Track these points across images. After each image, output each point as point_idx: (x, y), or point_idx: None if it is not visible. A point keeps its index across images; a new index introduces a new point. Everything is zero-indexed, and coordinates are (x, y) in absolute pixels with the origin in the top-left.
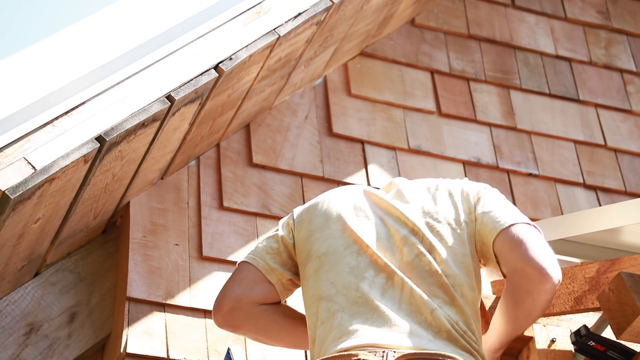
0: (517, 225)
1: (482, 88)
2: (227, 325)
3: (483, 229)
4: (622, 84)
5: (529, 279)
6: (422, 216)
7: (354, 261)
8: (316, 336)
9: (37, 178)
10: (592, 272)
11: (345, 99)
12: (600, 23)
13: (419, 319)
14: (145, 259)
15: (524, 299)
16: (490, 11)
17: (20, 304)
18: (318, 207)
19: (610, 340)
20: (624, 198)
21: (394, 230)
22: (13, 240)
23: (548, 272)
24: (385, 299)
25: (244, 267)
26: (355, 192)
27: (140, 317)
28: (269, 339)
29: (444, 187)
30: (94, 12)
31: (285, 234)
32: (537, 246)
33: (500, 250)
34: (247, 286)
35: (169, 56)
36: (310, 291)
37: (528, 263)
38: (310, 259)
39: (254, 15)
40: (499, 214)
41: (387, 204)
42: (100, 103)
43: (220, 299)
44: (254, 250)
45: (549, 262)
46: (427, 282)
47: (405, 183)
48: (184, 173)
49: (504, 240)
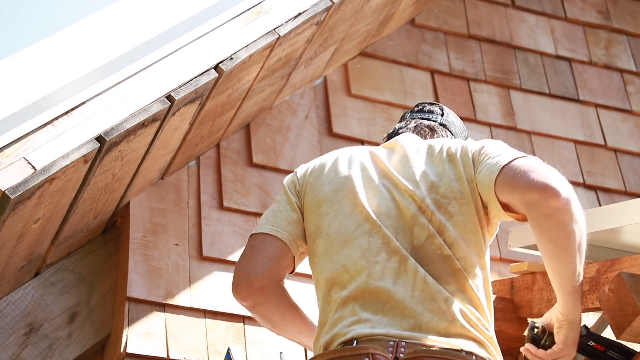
0: (511, 163)
1: (482, 88)
2: (252, 302)
3: (482, 183)
4: (622, 84)
5: (539, 203)
6: (428, 192)
7: (365, 242)
8: (327, 321)
9: (37, 178)
10: (592, 272)
11: (345, 99)
12: (600, 23)
13: (433, 306)
14: (145, 259)
15: (548, 226)
16: (490, 11)
17: (20, 304)
18: (325, 172)
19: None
20: (624, 198)
21: (403, 206)
22: (13, 240)
23: (553, 186)
24: (399, 285)
25: (269, 241)
26: (363, 156)
27: (140, 317)
28: (280, 323)
29: (447, 152)
30: (94, 12)
31: (297, 201)
32: (536, 171)
33: (503, 196)
34: (276, 262)
35: (169, 56)
36: (320, 271)
37: (532, 189)
38: (320, 235)
39: (254, 15)
40: (493, 162)
41: (394, 176)
42: (100, 103)
43: (249, 273)
44: (272, 219)
45: (552, 179)
46: (439, 268)
47: (410, 146)
48: (184, 173)
49: (503, 182)
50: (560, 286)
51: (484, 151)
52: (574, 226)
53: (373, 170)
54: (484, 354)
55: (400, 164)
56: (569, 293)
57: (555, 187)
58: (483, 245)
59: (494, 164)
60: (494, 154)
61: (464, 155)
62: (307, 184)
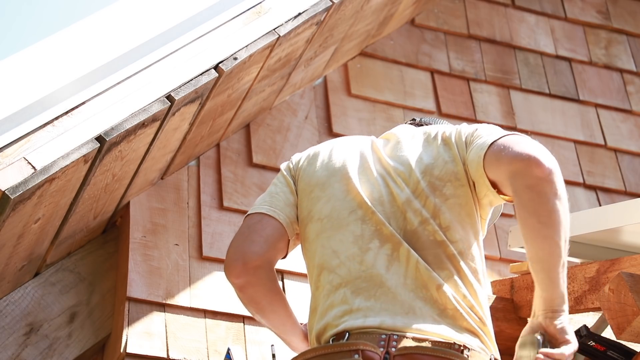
0: (499, 140)
1: (482, 88)
2: (244, 281)
3: (471, 162)
4: (622, 84)
5: (522, 172)
6: (423, 175)
7: (358, 229)
8: (317, 308)
9: (37, 178)
10: (592, 272)
11: (345, 99)
12: (600, 23)
13: (425, 294)
14: (145, 259)
15: (530, 198)
16: (490, 11)
17: (20, 304)
18: (319, 159)
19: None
20: (624, 198)
21: (396, 193)
22: (13, 240)
23: (535, 156)
24: (391, 273)
25: (267, 221)
26: (363, 144)
27: (140, 317)
28: (267, 309)
29: (442, 136)
30: (93, 12)
31: (293, 184)
32: (522, 142)
33: (490, 172)
34: (273, 244)
35: (169, 56)
36: (312, 257)
37: (515, 159)
38: (312, 220)
39: (254, 15)
40: (482, 140)
41: (387, 163)
42: (100, 103)
43: (245, 251)
44: (269, 200)
45: (535, 150)
46: (432, 253)
47: (405, 134)
48: (184, 173)
49: (491, 158)
50: (547, 274)
51: (477, 133)
52: (556, 202)
53: (371, 158)
54: (478, 344)
55: (394, 150)
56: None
57: (538, 157)
58: (480, 228)
59: (482, 142)
60: (485, 134)
61: (458, 138)
62: (301, 169)
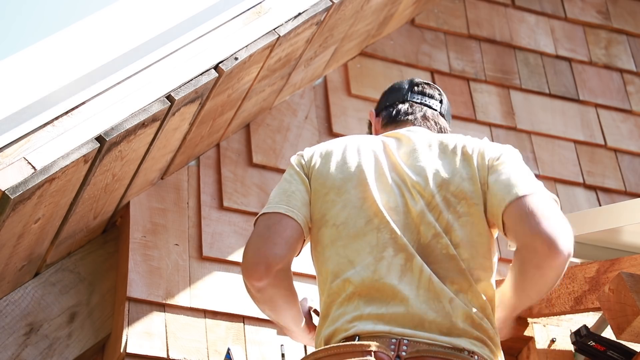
0: (528, 197)
1: (482, 88)
2: (266, 283)
3: (492, 199)
4: (622, 84)
5: (538, 254)
6: (439, 189)
7: (374, 239)
8: (329, 315)
9: (37, 178)
10: (592, 272)
11: (345, 99)
12: (600, 23)
13: (437, 306)
14: (145, 259)
15: (534, 274)
16: (490, 11)
17: (20, 304)
18: (332, 159)
19: (610, 340)
20: (624, 198)
21: (411, 205)
22: (13, 240)
23: (558, 246)
24: (403, 283)
25: (286, 222)
26: (375, 146)
27: (140, 317)
28: (283, 308)
29: (462, 150)
30: (93, 12)
31: (308, 182)
32: (548, 219)
33: (508, 223)
34: (293, 245)
35: (169, 56)
36: (325, 262)
37: (537, 238)
38: (326, 225)
39: (254, 15)
40: (509, 183)
41: (403, 171)
42: (100, 103)
43: (267, 254)
44: (285, 199)
45: (560, 235)
46: (444, 267)
47: (421, 141)
48: (184, 173)
49: (513, 212)
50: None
51: (502, 160)
52: (556, 282)
53: (385, 163)
54: (487, 353)
55: (411, 157)
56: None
57: (559, 246)
58: (491, 246)
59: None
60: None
61: (481, 158)
62: (314, 168)
